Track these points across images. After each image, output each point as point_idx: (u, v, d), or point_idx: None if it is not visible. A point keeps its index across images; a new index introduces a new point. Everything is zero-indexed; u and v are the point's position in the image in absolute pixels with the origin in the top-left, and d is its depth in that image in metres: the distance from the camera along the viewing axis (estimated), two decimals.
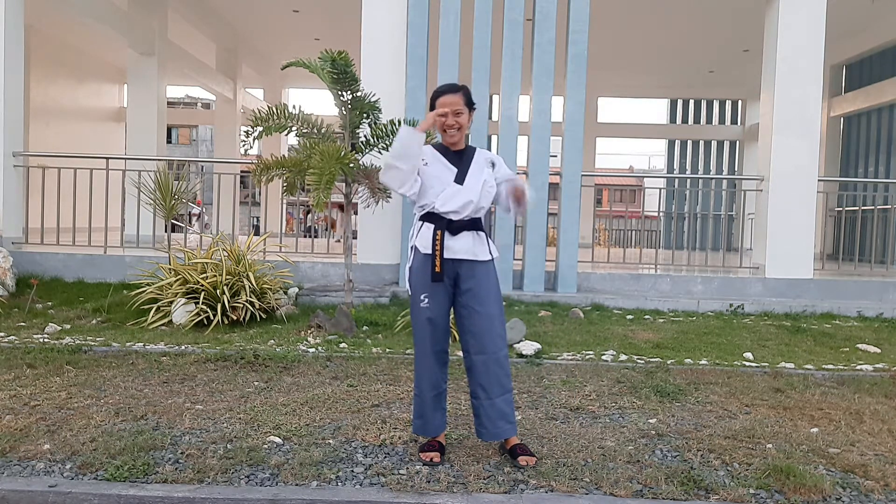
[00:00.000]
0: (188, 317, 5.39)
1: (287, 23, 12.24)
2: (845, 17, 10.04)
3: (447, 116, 2.85)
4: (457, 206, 2.84)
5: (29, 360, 4.14)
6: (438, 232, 2.83)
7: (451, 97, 2.87)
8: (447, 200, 2.85)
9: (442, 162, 2.91)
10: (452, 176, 2.89)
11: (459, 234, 2.86)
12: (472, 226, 2.88)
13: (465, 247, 2.86)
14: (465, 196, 2.86)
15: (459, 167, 2.91)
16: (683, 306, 6.99)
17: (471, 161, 2.94)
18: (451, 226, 2.85)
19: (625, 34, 11.89)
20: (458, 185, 2.87)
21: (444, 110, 2.86)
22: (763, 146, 7.72)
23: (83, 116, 14.19)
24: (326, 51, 5.31)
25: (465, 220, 2.87)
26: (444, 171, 2.89)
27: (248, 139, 5.51)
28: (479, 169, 2.93)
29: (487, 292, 2.87)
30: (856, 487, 2.63)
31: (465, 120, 2.89)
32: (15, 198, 7.46)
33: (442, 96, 2.89)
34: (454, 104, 2.86)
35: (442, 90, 2.92)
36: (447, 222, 2.85)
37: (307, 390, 3.73)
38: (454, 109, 2.86)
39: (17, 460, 2.69)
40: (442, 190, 2.86)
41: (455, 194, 2.86)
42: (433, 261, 2.82)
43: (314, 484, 2.56)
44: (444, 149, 2.95)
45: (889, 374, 4.43)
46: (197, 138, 38.71)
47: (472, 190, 2.87)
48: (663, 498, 2.52)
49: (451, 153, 2.94)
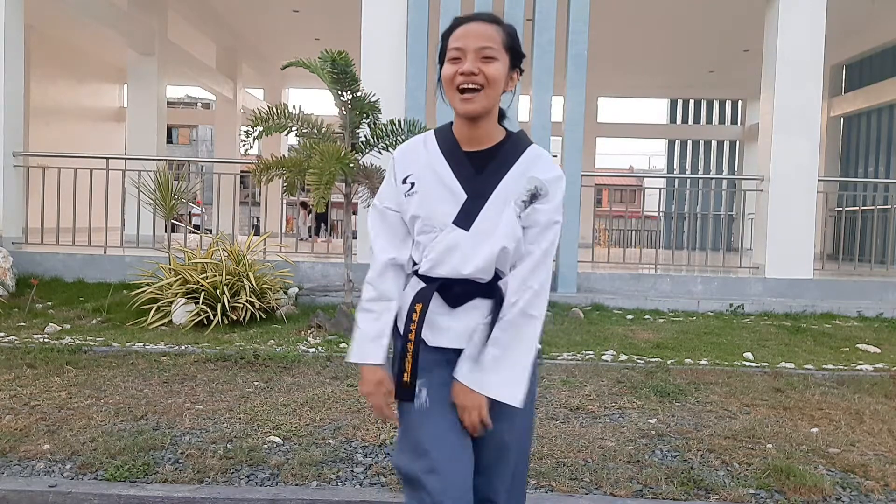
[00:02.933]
0: (188, 317, 5.39)
1: (287, 23, 12.24)
2: (845, 17, 10.03)
3: (462, 59, 1.50)
4: (452, 271, 1.54)
5: (29, 360, 4.14)
6: (418, 305, 1.55)
7: (479, 27, 1.52)
8: (438, 261, 1.55)
9: (441, 177, 1.57)
10: (454, 207, 1.55)
11: (461, 306, 1.58)
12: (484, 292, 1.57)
13: (473, 328, 1.57)
14: (467, 255, 1.54)
15: (473, 188, 1.55)
16: (683, 306, 6.99)
17: (500, 177, 1.55)
18: (447, 292, 1.57)
19: (625, 34, 11.88)
20: (461, 231, 1.54)
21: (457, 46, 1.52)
22: (763, 146, 7.71)
23: (83, 116, 14.18)
24: (326, 51, 5.31)
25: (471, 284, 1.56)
26: (441, 198, 1.56)
27: (248, 139, 5.51)
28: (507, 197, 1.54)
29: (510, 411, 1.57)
30: (856, 487, 2.63)
31: (498, 73, 1.51)
32: (15, 198, 7.46)
33: (460, 26, 1.55)
34: (483, 39, 1.50)
35: (461, 18, 1.58)
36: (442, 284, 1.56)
37: (307, 390, 3.73)
38: (479, 46, 1.49)
39: (17, 460, 2.69)
40: (432, 235, 1.56)
41: (451, 249, 1.54)
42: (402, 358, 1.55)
43: (314, 484, 2.56)
44: (453, 145, 1.59)
45: (889, 374, 4.43)
46: (197, 138, 38.70)
47: (481, 247, 1.53)
48: (663, 498, 2.52)
49: (465, 157, 1.57)
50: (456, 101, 1.52)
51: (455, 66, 1.50)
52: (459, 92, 1.50)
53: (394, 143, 5.88)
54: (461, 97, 1.50)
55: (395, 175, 1.62)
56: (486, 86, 1.49)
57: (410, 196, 1.57)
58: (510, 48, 1.54)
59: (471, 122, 1.55)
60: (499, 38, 1.52)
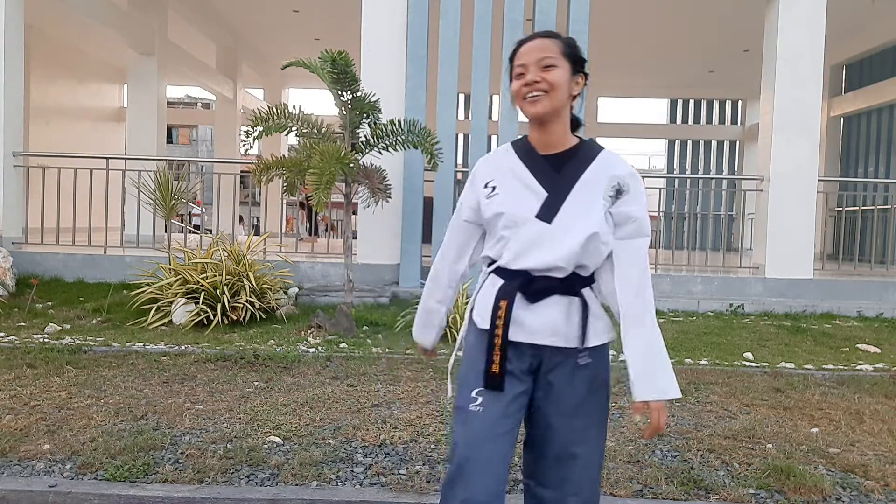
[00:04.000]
0: (188, 317, 5.39)
1: (287, 23, 12.24)
2: (845, 17, 10.03)
3: (527, 72, 1.62)
4: (536, 262, 1.62)
5: (29, 360, 4.14)
6: (503, 301, 1.63)
7: (537, 42, 1.65)
8: (521, 252, 1.63)
9: (520, 176, 1.67)
10: (536, 203, 1.63)
11: (541, 301, 1.64)
12: (566, 288, 1.65)
13: (551, 324, 1.64)
14: (551, 245, 1.61)
15: (553, 186, 1.64)
16: (683, 306, 6.99)
17: (578, 175, 1.65)
18: (527, 287, 1.64)
19: (625, 34, 11.88)
20: (544, 224, 1.62)
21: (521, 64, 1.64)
22: (763, 146, 7.71)
23: (83, 116, 14.18)
24: (326, 51, 5.31)
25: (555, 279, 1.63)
26: (522, 197, 1.65)
27: (248, 139, 5.51)
28: (591, 196, 1.63)
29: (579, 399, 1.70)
30: (856, 487, 2.63)
31: (559, 78, 1.62)
32: (15, 198, 7.46)
33: (522, 46, 1.67)
34: (541, 51, 1.63)
35: (522, 40, 1.69)
36: (523, 280, 1.64)
37: (307, 390, 3.73)
38: (539, 58, 1.62)
39: (17, 460, 2.69)
40: (515, 229, 1.64)
41: (535, 241, 1.62)
42: (490, 350, 1.62)
43: (314, 484, 2.56)
44: (530, 150, 1.70)
45: (889, 374, 4.43)
46: (197, 138, 38.71)
47: (564, 237, 1.61)
48: (663, 498, 2.52)
49: (542, 159, 1.68)
50: (525, 106, 1.64)
51: (521, 80, 1.64)
52: (524, 99, 1.64)
53: (394, 143, 5.88)
54: (526, 103, 1.63)
55: (474, 182, 1.75)
56: (550, 90, 1.62)
57: (492, 198, 1.68)
58: (569, 55, 1.66)
59: (542, 127, 1.67)
60: (556, 49, 1.65)
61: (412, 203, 7.03)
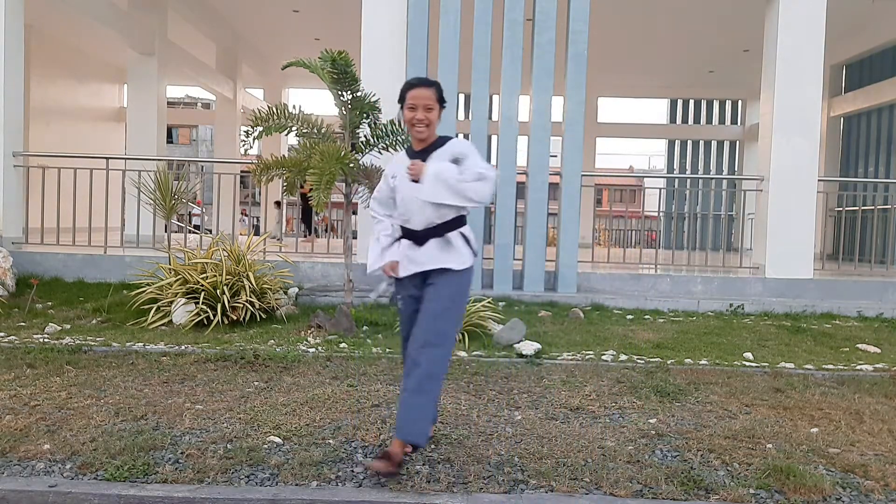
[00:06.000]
0: (188, 317, 5.39)
1: (287, 23, 12.24)
2: (845, 17, 10.04)
3: (416, 111, 2.74)
4: (412, 208, 2.76)
5: (29, 360, 4.14)
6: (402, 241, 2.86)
7: (422, 90, 2.76)
8: (402, 205, 2.80)
9: (405, 166, 2.80)
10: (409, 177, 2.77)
11: (425, 243, 2.79)
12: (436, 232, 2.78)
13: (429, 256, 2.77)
14: (414, 196, 2.73)
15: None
16: (683, 306, 6.99)
17: (429, 157, 2.79)
18: (414, 237, 2.80)
19: (625, 34, 11.88)
20: (413, 185, 2.74)
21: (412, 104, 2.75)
22: (763, 146, 7.71)
23: (83, 116, 14.19)
24: (326, 51, 5.31)
25: (428, 229, 2.77)
26: (404, 176, 2.79)
27: (248, 139, 5.51)
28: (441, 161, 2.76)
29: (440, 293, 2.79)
30: (856, 487, 2.63)
31: (434, 116, 2.78)
32: (15, 198, 7.46)
33: (412, 89, 2.77)
34: (426, 99, 2.75)
35: (413, 83, 2.81)
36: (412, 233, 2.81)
37: (307, 390, 3.73)
38: (425, 104, 2.74)
39: (17, 460, 2.69)
40: (402, 195, 2.79)
41: (408, 196, 2.76)
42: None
43: (314, 484, 2.56)
44: (411, 149, 2.89)
45: (889, 374, 4.43)
46: (197, 138, 38.72)
47: (422, 187, 2.71)
48: (663, 498, 2.52)
49: (415, 153, 2.84)
50: (413, 132, 2.83)
51: (411, 114, 2.79)
52: (413, 126, 2.80)
53: (394, 143, 5.88)
54: (415, 129, 2.81)
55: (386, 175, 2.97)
56: (429, 124, 2.81)
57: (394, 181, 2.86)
58: (439, 99, 2.83)
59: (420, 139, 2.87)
60: (434, 96, 2.80)
61: None
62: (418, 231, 2.79)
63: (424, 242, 2.78)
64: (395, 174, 2.86)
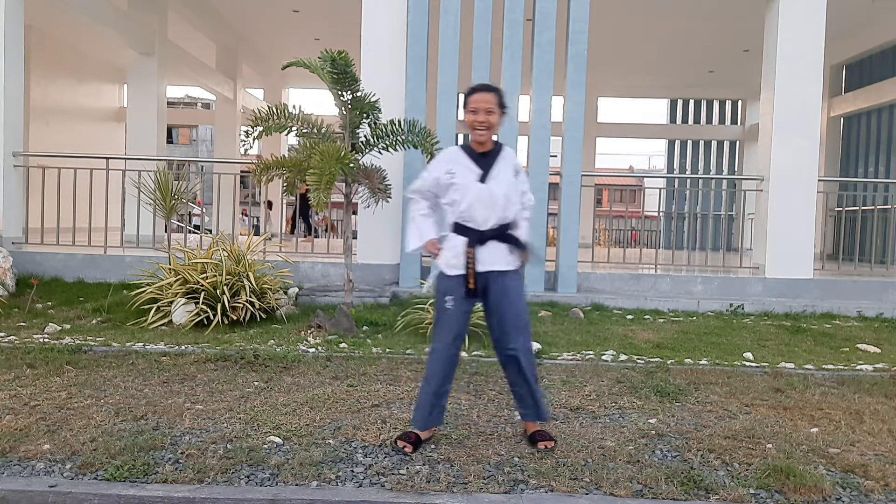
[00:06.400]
0: (188, 317, 5.39)
1: (287, 23, 12.24)
2: (845, 17, 10.04)
3: (478, 114, 2.86)
4: (481, 208, 2.89)
5: (29, 360, 4.14)
6: (470, 249, 2.89)
7: (484, 95, 2.89)
8: (472, 204, 2.89)
9: (465, 165, 2.93)
10: (476, 176, 2.91)
11: (488, 243, 2.91)
12: (501, 235, 2.93)
13: (494, 257, 2.92)
14: (487, 197, 2.88)
15: (483, 168, 2.93)
16: (683, 306, 6.99)
17: (495, 161, 2.95)
18: (481, 237, 2.91)
19: (625, 34, 11.88)
20: (481, 185, 2.90)
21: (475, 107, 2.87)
22: (763, 146, 7.71)
23: (83, 116, 14.18)
24: (326, 51, 5.31)
25: (493, 229, 2.91)
26: (468, 175, 2.91)
27: (248, 139, 5.51)
28: (504, 170, 2.95)
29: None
30: (856, 487, 2.63)
31: (495, 120, 2.89)
32: (15, 198, 7.46)
33: (475, 94, 2.91)
34: (487, 102, 2.87)
35: (476, 88, 2.95)
36: (478, 234, 2.91)
37: (307, 390, 3.73)
38: (486, 108, 2.86)
39: (17, 460, 2.69)
40: (466, 193, 2.89)
41: (479, 196, 2.89)
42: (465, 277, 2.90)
43: (314, 484, 2.56)
44: (471, 150, 2.97)
45: (889, 374, 4.43)
46: (197, 138, 38.71)
47: (494, 191, 2.89)
48: (663, 498, 2.52)
49: (477, 155, 2.95)
50: (473, 135, 2.94)
51: (472, 116, 2.91)
52: (473, 129, 2.92)
53: (394, 144, 5.88)
54: (475, 132, 2.92)
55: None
56: (489, 127, 2.92)
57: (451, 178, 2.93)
58: (500, 104, 2.93)
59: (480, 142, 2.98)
60: (495, 101, 2.91)
61: None
62: (483, 231, 2.90)
63: (487, 242, 2.91)
64: (452, 171, 2.93)
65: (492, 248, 2.91)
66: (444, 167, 2.98)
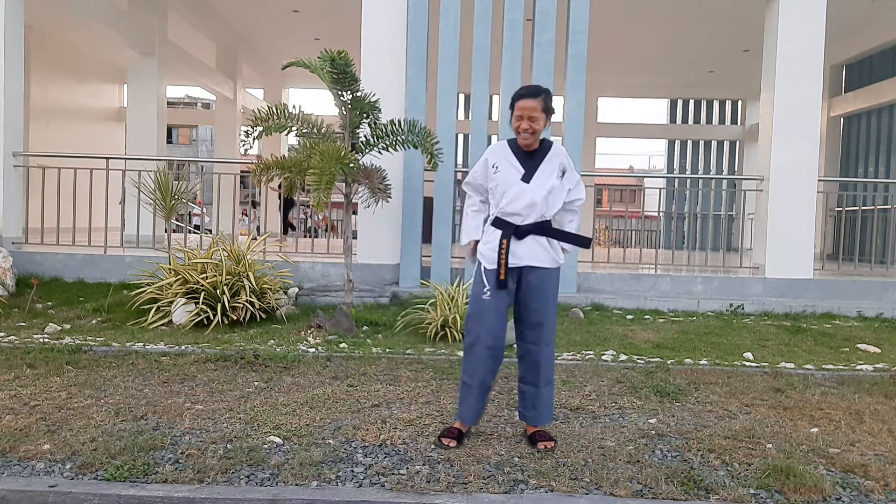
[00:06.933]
0: (188, 317, 5.39)
1: (287, 23, 12.24)
2: (845, 17, 10.03)
3: (522, 120, 2.92)
4: (521, 206, 2.93)
5: (29, 360, 4.14)
6: (504, 241, 2.93)
7: (528, 101, 2.93)
8: (512, 200, 2.94)
9: (511, 162, 2.99)
10: (520, 175, 2.96)
11: (524, 238, 2.95)
12: (539, 230, 2.96)
13: (530, 253, 2.95)
14: (529, 196, 2.92)
15: (528, 167, 2.97)
16: (683, 306, 6.98)
17: (541, 161, 2.99)
18: (517, 231, 2.95)
19: (625, 34, 11.88)
20: (524, 184, 2.94)
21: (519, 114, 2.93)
22: (763, 146, 7.71)
23: (83, 116, 14.18)
24: (326, 51, 5.31)
25: (531, 224, 2.94)
26: (512, 172, 2.97)
27: (248, 139, 5.51)
28: (549, 171, 2.98)
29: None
30: (856, 487, 2.63)
31: (539, 125, 2.93)
32: (15, 198, 7.46)
33: (521, 100, 2.95)
34: (531, 109, 2.91)
35: (521, 93, 2.98)
36: (514, 227, 2.95)
37: (307, 390, 3.73)
38: (529, 115, 2.91)
39: (17, 460, 2.69)
40: (508, 189, 2.95)
41: (520, 194, 2.93)
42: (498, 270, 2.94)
43: (314, 484, 2.56)
44: (518, 147, 3.02)
45: (889, 374, 4.43)
46: (197, 138, 38.71)
47: (536, 191, 2.93)
48: (663, 498, 2.52)
49: (524, 153, 3.00)
50: (518, 138, 3.01)
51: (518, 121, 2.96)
52: (518, 133, 2.98)
53: (394, 143, 5.88)
54: (520, 136, 2.99)
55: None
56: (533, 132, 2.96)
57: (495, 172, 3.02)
58: (546, 109, 2.96)
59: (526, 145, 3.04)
60: (540, 107, 2.93)
61: (412, 203, 7.03)
62: (521, 226, 2.95)
63: (524, 237, 2.96)
64: (497, 166, 3.01)
65: (528, 244, 2.95)
66: (490, 160, 3.05)
